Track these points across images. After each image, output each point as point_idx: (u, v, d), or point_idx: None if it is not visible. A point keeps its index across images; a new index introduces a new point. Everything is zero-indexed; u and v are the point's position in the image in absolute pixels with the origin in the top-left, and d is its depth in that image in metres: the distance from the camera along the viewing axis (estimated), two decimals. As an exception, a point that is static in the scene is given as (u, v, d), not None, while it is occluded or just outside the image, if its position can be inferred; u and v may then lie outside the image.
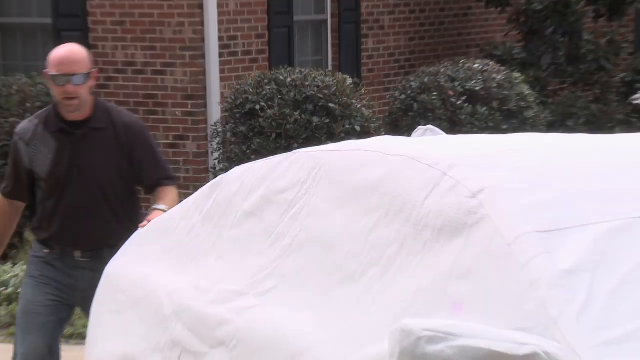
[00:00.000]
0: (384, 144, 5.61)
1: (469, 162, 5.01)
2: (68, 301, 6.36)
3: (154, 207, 6.58)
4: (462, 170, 4.92)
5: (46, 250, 6.28)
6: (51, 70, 6.10)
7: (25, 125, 6.23)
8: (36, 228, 6.34)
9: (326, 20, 16.89)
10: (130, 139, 6.28)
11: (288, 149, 7.01)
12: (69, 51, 6.21)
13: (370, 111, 14.16)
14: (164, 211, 6.57)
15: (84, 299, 6.27)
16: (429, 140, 5.71)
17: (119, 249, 6.30)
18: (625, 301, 4.24)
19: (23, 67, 15.53)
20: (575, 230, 4.51)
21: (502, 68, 15.78)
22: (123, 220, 6.40)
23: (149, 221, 6.42)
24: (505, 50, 17.84)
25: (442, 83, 15.13)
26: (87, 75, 6.15)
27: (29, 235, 12.74)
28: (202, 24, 14.72)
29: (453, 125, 13.32)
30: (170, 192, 6.76)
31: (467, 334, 4.09)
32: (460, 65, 15.58)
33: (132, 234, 6.42)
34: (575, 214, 4.60)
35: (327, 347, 4.92)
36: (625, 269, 4.36)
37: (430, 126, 6.57)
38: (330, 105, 13.60)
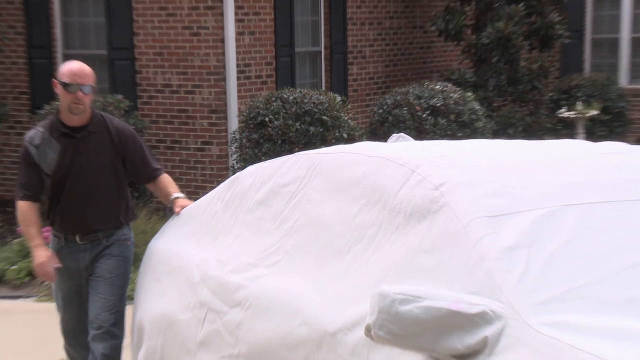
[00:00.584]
0: (366, 147, 5.63)
1: (432, 162, 5.01)
2: (81, 281, 6.34)
3: (174, 196, 6.58)
4: (427, 169, 4.92)
5: (56, 241, 6.31)
6: (64, 79, 6.01)
7: (33, 132, 6.19)
8: (49, 218, 6.32)
9: (320, 52, 16.82)
10: (122, 141, 6.27)
11: (290, 152, 6.97)
12: (82, 66, 6.15)
13: (355, 122, 14.09)
14: (182, 196, 6.65)
15: (89, 273, 6.31)
16: (400, 145, 5.70)
17: (111, 232, 6.41)
18: (553, 271, 4.27)
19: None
20: (516, 215, 4.53)
21: (458, 89, 15.71)
22: (115, 209, 6.37)
23: (182, 207, 6.47)
24: (460, 74, 17.80)
25: (410, 100, 15.07)
26: (92, 88, 6.13)
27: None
28: (223, 54, 14.66)
29: (419, 133, 13.25)
30: (167, 179, 6.75)
31: (431, 296, 4.09)
32: (425, 86, 15.53)
33: (121, 220, 6.54)
34: (516, 203, 4.62)
35: (321, 306, 4.93)
36: (554, 245, 4.39)
37: (401, 134, 6.57)
38: (324, 117, 13.55)
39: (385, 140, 6.21)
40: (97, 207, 6.24)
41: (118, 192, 6.41)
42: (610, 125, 18.85)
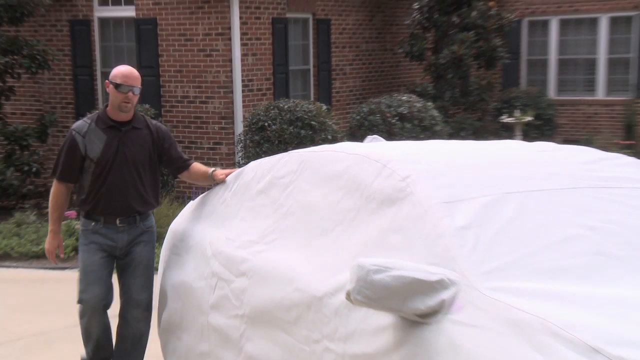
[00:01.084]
0: (346, 147, 5.63)
1: (400, 159, 5.00)
2: (111, 258, 6.12)
3: (212, 170, 6.40)
4: (396, 164, 4.91)
5: (93, 224, 6.07)
6: (117, 80, 5.92)
7: (80, 123, 6.06)
8: (82, 203, 6.10)
9: (310, 69, 16.80)
10: (160, 137, 6.17)
11: (285, 150, 6.94)
12: (132, 70, 6.07)
13: (338, 126, 14.09)
14: (217, 169, 6.48)
15: (122, 253, 6.14)
16: (374, 145, 5.70)
17: (146, 215, 6.29)
18: (497, 246, 4.29)
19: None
20: (467, 201, 4.54)
21: (420, 99, 15.72)
22: (149, 194, 6.21)
23: (225, 175, 6.30)
24: (422, 88, 17.82)
25: (382, 109, 15.05)
26: (140, 90, 6.02)
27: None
28: (231, 72, 14.62)
29: (389, 135, 13.24)
30: (198, 164, 6.60)
31: (399, 267, 4.09)
32: (394, 97, 15.52)
33: (154, 205, 6.42)
34: (467, 192, 4.62)
35: (310, 276, 4.91)
36: (498, 225, 4.40)
37: (375, 136, 6.57)
38: (312, 122, 13.53)
39: (362, 141, 6.20)
40: (137, 192, 6.09)
41: (153, 180, 6.28)
42: (541, 128, 18.90)
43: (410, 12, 18.55)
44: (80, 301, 6.08)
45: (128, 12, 15.58)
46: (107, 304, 6.09)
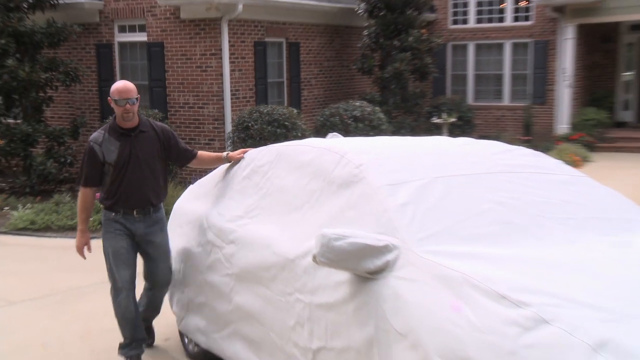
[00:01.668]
0: (312, 141, 5.59)
1: (354, 150, 4.98)
2: (133, 241, 5.87)
3: (225, 154, 6.15)
4: (351, 155, 4.90)
5: (113, 214, 5.83)
6: (115, 96, 5.65)
7: (96, 135, 5.78)
8: (104, 199, 5.86)
9: (284, 81, 16.78)
10: (165, 136, 5.94)
11: (265, 145, 6.92)
12: (126, 84, 5.76)
13: (306, 126, 14.08)
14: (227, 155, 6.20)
15: (141, 239, 5.89)
16: (334, 140, 5.68)
17: (158, 207, 6.05)
18: (430, 218, 4.29)
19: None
20: (406, 184, 4.52)
21: (370, 105, 15.69)
22: (161, 187, 5.98)
23: (240, 154, 6.03)
24: (371, 96, 17.83)
25: (340, 112, 15.02)
26: (136, 99, 5.75)
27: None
28: (222, 83, 14.57)
29: (346, 133, 13.22)
30: (204, 152, 6.41)
31: (354, 235, 4.10)
32: (349, 103, 15.50)
33: (164, 195, 6.15)
34: (406, 176, 4.60)
35: (284, 243, 4.90)
36: (430, 202, 4.41)
37: (335, 133, 6.55)
38: (286, 123, 13.51)
39: (325, 137, 6.17)
40: (151, 187, 5.87)
41: (163, 175, 6.04)
42: (462, 127, 18.96)
43: (361, 37, 18.53)
44: (113, 283, 5.89)
45: (141, 37, 15.50)
46: (134, 282, 5.90)
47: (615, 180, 13.60)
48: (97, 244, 10.24)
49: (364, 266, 4.07)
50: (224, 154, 6.15)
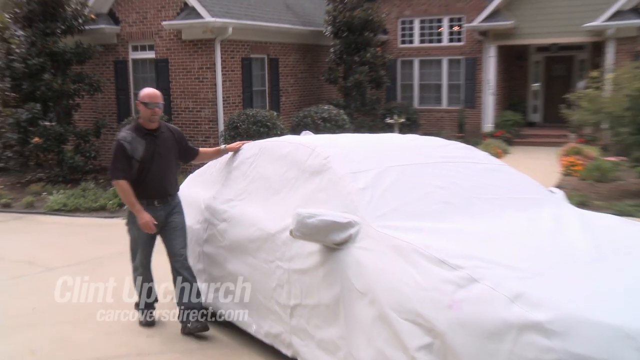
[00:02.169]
0: (289, 138, 5.55)
1: (323, 145, 4.95)
2: (157, 229, 5.59)
3: (223, 146, 5.95)
4: (320, 148, 4.86)
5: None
6: (145, 100, 5.47)
7: (124, 133, 5.52)
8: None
9: (266, 90, 16.68)
10: (177, 137, 5.75)
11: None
12: (155, 90, 5.61)
13: (284, 126, 14.01)
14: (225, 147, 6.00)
15: (162, 224, 5.62)
16: (307, 137, 5.63)
17: (174, 196, 5.78)
18: (385, 200, 4.27)
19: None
20: (365, 172, 4.50)
21: (335, 108, 15.64)
22: (175, 181, 5.76)
23: (237, 146, 5.82)
24: (337, 101, 17.79)
25: (312, 114, 14.97)
26: (162, 105, 5.59)
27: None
28: (215, 92, 14.50)
29: (317, 131, 13.09)
30: (204, 149, 6.12)
31: (323, 214, 4.11)
32: (319, 107, 15.44)
33: (178, 187, 5.87)
34: (365, 166, 4.57)
35: (267, 220, 4.86)
36: (384, 187, 4.38)
37: (307, 131, 6.48)
38: (268, 123, 13.44)
39: (299, 134, 6.13)
40: (169, 179, 5.65)
41: (176, 169, 5.86)
42: (410, 127, 18.95)
43: (328, 53, 18.45)
44: (134, 260, 5.72)
45: (150, 55, 15.34)
46: (149, 262, 5.70)
47: (527, 167, 13.70)
48: (115, 222, 10.36)
49: (332, 239, 4.07)
50: (222, 146, 6.00)
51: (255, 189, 5.33)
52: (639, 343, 2.89)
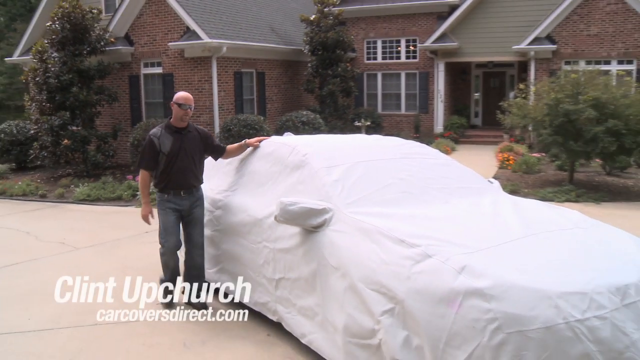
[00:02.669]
0: (274, 138, 5.44)
1: (302, 144, 4.88)
2: (180, 217, 5.29)
3: (244, 141, 5.49)
4: (300, 147, 4.79)
5: (165, 195, 5.25)
6: (180, 101, 5.19)
7: (155, 130, 5.28)
8: (158, 183, 5.28)
9: (254, 98, 16.54)
10: (204, 137, 5.42)
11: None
12: (188, 94, 5.31)
13: (269, 128, 13.93)
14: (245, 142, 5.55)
15: (186, 213, 5.28)
16: (289, 137, 5.54)
17: (198, 188, 5.35)
18: (354, 190, 4.22)
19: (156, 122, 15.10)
20: (337, 167, 4.44)
21: (312, 113, 15.66)
22: (199, 174, 5.38)
23: (257, 141, 5.41)
24: (313, 108, 17.76)
25: (293, 118, 14.90)
26: (193, 107, 5.31)
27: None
28: (212, 100, 14.37)
29: (297, 133, 13.04)
30: (230, 145, 5.63)
31: (302, 202, 4.06)
32: (299, 112, 15.36)
33: (202, 180, 5.42)
34: (337, 161, 4.51)
35: (256, 207, 4.78)
36: (353, 179, 4.32)
37: (289, 132, 6.36)
38: (256, 126, 13.36)
39: (282, 135, 6.04)
40: (193, 173, 5.30)
41: (201, 164, 5.43)
42: (375, 129, 18.91)
43: (306, 68, 18.32)
44: (162, 245, 5.32)
45: (158, 70, 15.14)
46: (178, 246, 5.32)
47: (470, 162, 13.75)
48: (129, 210, 10.29)
49: (310, 223, 4.02)
50: (243, 141, 5.56)
51: (245, 181, 5.24)
52: (555, 302, 2.98)
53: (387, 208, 4.03)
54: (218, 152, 5.54)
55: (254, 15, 17.76)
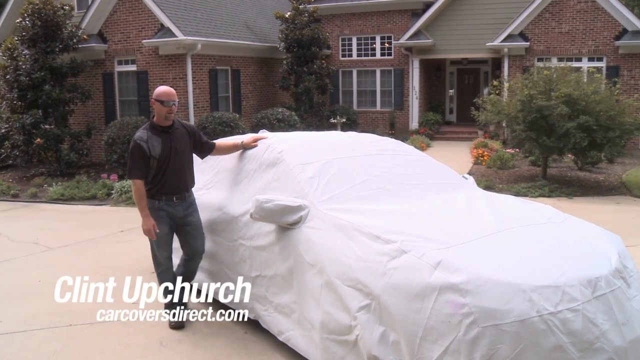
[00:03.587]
0: (249, 136, 5.36)
1: (277, 141, 4.85)
2: (175, 223, 4.84)
3: (241, 141, 5.05)
4: (275, 144, 4.77)
5: (157, 202, 4.78)
6: (162, 98, 4.73)
7: (140, 134, 4.76)
8: (149, 189, 4.76)
9: (229, 96, 16.44)
10: (191, 132, 4.94)
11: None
12: (171, 89, 4.84)
13: (245, 126, 13.85)
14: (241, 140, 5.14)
15: (180, 221, 4.85)
16: (264, 134, 5.50)
17: (190, 191, 4.95)
18: (329, 187, 4.21)
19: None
20: (312, 164, 4.43)
21: (288, 110, 15.59)
22: (192, 176, 4.96)
23: (254, 140, 5.02)
24: (289, 105, 17.67)
25: (268, 115, 14.85)
26: (177, 102, 4.83)
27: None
28: (187, 98, 14.25)
29: (272, 130, 13.04)
30: (221, 141, 5.23)
31: (278, 199, 4.05)
32: (274, 110, 15.31)
33: (194, 182, 5.03)
34: (313, 158, 4.50)
35: (231, 205, 4.75)
36: (329, 176, 4.32)
37: (264, 130, 6.30)
38: (231, 124, 13.28)
39: (257, 133, 5.99)
40: (186, 175, 4.86)
41: (191, 165, 4.99)
42: (350, 125, 18.95)
43: (282, 65, 18.28)
44: (157, 264, 4.91)
45: (132, 67, 14.98)
46: (171, 259, 4.87)
47: (445, 158, 13.86)
48: (104, 209, 10.17)
49: (285, 220, 4.01)
50: (239, 141, 5.12)
51: (221, 179, 5.20)
52: (528, 295, 3.03)
53: (362, 204, 4.03)
54: (207, 150, 5.09)
55: (229, 13, 17.65)
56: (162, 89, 4.81)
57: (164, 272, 4.88)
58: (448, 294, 3.04)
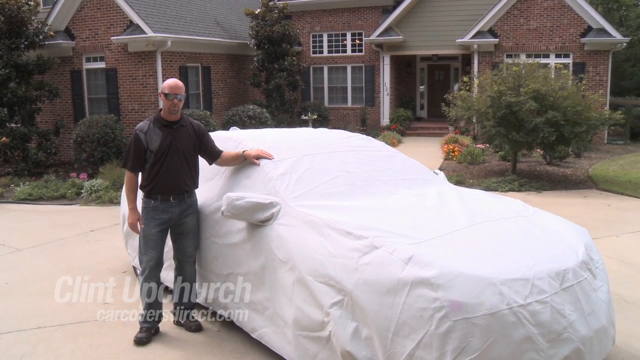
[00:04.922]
0: (220, 133, 5.34)
1: (248, 139, 4.84)
2: (166, 230, 4.57)
3: (242, 151, 4.60)
4: (246, 141, 4.76)
5: (152, 202, 4.54)
6: (166, 91, 4.52)
7: (142, 124, 4.55)
8: (144, 186, 4.56)
9: (200, 93, 16.31)
10: (199, 132, 4.65)
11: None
12: (177, 81, 4.59)
13: (216, 123, 13.75)
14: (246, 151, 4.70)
15: (175, 223, 4.56)
16: (235, 132, 5.46)
17: (190, 193, 4.65)
18: (300, 183, 4.21)
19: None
20: (284, 160, 4.42)
21: (259, 107, 15.48)
22: (194, 176, 4.66)
23: (256, 155, 4.56)
24: (260, 102, 17.58)
25: (239, 113, 14.76)
26: (183, 96, 4.58)
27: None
28: (157, 96, 14.00)
29: (243, 127, 12.98)
30: (227, 152, 4.73)
31: (249, 196, 4.03)
32: (245, 107, 15.23)
33: (197, 184, 4.70)
34: (284, 155, 4.49)
35: (203, 202, 4.69)
36: (300, 173, 4.32)
37: (235, 127, 6.31)
38: (202, 121, 13.17)
39: (228, 130, 5.95)
40: (185, 175, 4.57)
41: (195, 165, 4.68)
42: (321, 122, 18.95)
43: (252, 62, 18.22)
44: (140, 262, 4.63)
45: (101, 65, 14.72)
46: (160, 265, 4.60)
47: (416, 154, 13.97)
48: (73, 209, 10.01)
49: (257, 217, 3.99)
50: (240, 152, 4.71)
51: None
52: (499, 288, 3.07)
53: (334, 201, 4.04)
54: (212, 156, 4.74)
55: (199, 9, 17.49)
56: (168, 81, 4.61)
57: (146, 272, 4.57)
58: (420, 288, 3.05)
